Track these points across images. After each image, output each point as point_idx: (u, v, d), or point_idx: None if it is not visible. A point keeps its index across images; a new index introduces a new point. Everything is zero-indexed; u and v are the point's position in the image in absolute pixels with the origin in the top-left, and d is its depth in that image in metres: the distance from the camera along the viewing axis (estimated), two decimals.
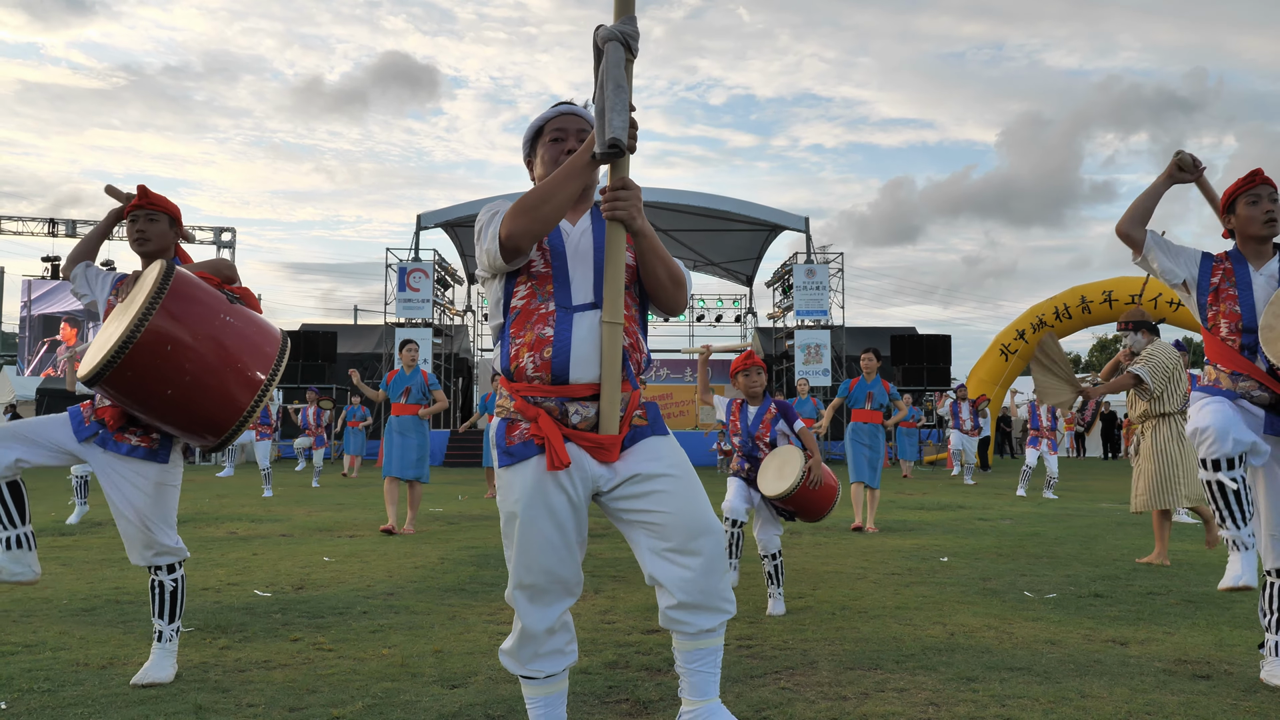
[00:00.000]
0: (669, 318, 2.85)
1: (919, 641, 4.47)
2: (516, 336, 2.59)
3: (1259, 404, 3.73)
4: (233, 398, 3.52)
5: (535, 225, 2.50)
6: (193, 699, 3.48)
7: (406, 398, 9.34)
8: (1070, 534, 8.97)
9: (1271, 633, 3.72)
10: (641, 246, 2.61)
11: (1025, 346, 26.76)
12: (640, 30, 2.52)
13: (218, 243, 32.08)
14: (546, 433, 2.51)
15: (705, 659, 2.58)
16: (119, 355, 3.32)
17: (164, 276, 3.44)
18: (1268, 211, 3.79)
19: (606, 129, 2.42)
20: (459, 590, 5.83)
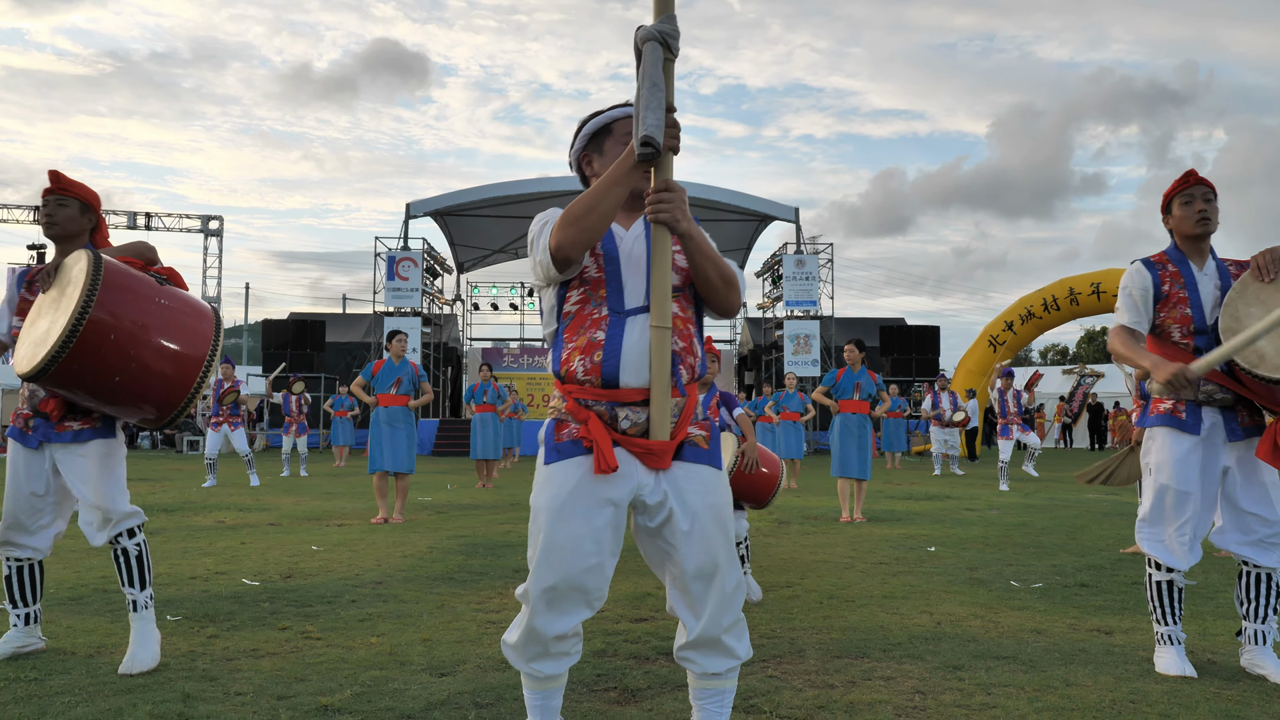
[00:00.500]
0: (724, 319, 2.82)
1: (906, 630, 4.49)
2: (569, 340, 2.58)
3: (1221, 405, 3.73)
4: (179, 376, 3.65)
5: (584, 235, 2.46)
6: (180, 687, 3.48)
7: (397, 388, 9.28)
8: (1056, 524, 9.02)
9: (1250, 621, 3.76)
10: (689, 249, 2.54)
11: (1014, 338, 26.85)
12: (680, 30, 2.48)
13: (205, 230, 31.91)
14: (595, 436, 2.48)
15: (713, 698, 2.60)
16: (63, 350, 3.39)
17: (95, 267, 3.49)
18: (1200, 211, 3.81)
19: (640, 128, 2.39)
20: (447, 579, 5.83)
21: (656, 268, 2.50)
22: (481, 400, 14.27)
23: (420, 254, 26.62)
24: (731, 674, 2.60)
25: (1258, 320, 3.55)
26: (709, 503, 2.53)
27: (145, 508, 9.96)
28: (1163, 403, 3.82)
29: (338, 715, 3.21)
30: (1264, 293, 3.63)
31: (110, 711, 3.20)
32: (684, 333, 2.59)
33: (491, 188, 26.94)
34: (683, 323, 2.60)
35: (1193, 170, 3.90)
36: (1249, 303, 3.64)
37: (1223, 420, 3.73)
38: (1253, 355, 3.55)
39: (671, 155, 2.50)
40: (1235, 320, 3.63)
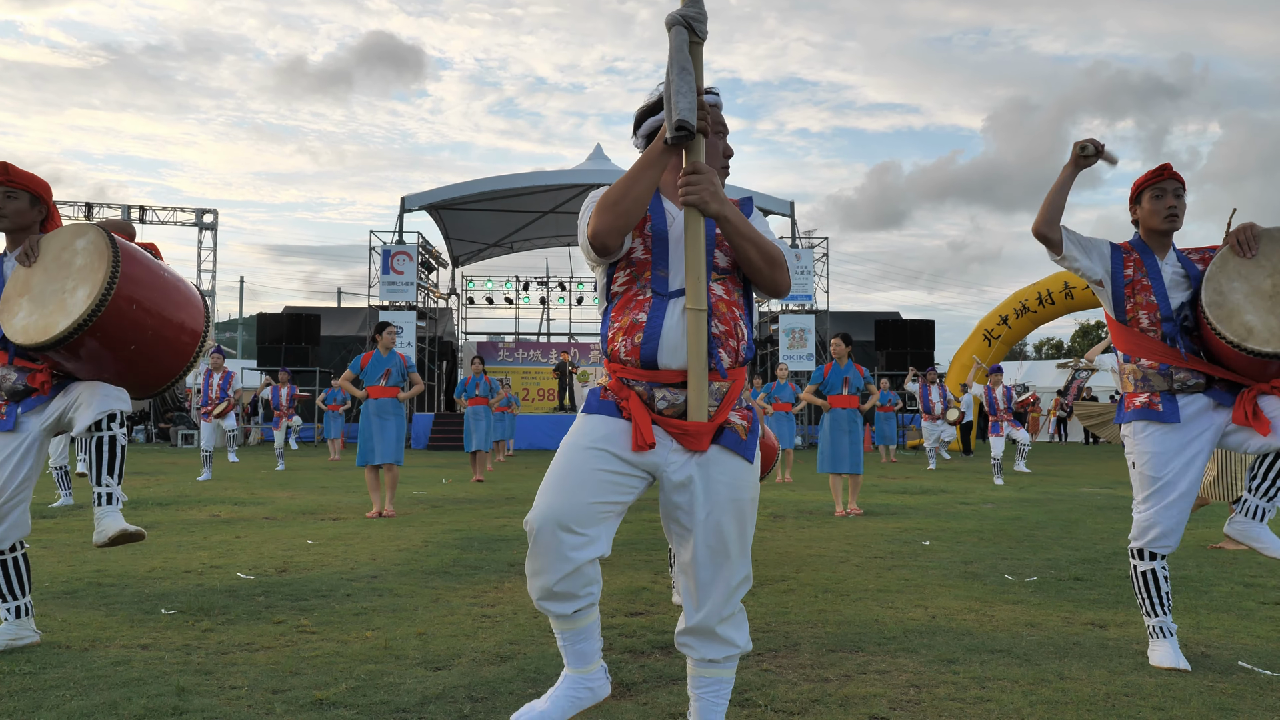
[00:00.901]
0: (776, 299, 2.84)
1: (900, 624, 4.50)
2: (615, 320, 2.61)
3: (1195, 391, 3.76)
4: (183, 344, 3.85)
5: (619, 221, 2.48)
6: (175, 681, 3.48)
7: (386, 380, 9.23)
8: (1051, 518, 9.04)
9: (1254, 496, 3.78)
10: (725, 230, 2.55)
11: (1008, 332, 26.88)
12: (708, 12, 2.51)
13: (199, 224, 31.84)
14: (634, 413, 2.52)
15: (710, 687, 2.62)
16: (92, 317, 3.50)
17: (111, 240, 3.62)
18: (1170, 206, 3.84)
19: (674, 112, 2.41)
20: (443, 573, 5.83)
21: (690, 249, 2.52)
22: (474, 394, 14.34)
23: (415, 248, 26.56)
24: (729, 663, 2.61)
25: (1241, 295, 3.64)
26: (734, 496, 2.54)
27: (140, 502, 9.95)
28: (1137, 396, 3.86)
29: (333, 709, 3.21)
30: (1244, 267, 3.69)
31: (105, 705, 3.20)
32: (726, 316, 2.59)
33: (486, 181, 26.88)
34: (726, 305, 2.60)
35: (1167, 164, 3.92)
36: (1230, 277, 3.69)
37: (1206, 398, 3.77)
38: (1240, 329, 3.58)
39: (703, 138, 2.51)
40: (1219, 295, 3.67)
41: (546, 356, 31.99)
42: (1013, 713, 3.21)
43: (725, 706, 2.64)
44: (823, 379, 9.78)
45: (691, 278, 2.51)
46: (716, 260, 2.62)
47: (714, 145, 2.72)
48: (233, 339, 46.96)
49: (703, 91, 2.50)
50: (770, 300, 2.88)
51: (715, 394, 2.55)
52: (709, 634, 2.56)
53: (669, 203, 2.67)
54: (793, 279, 15.06)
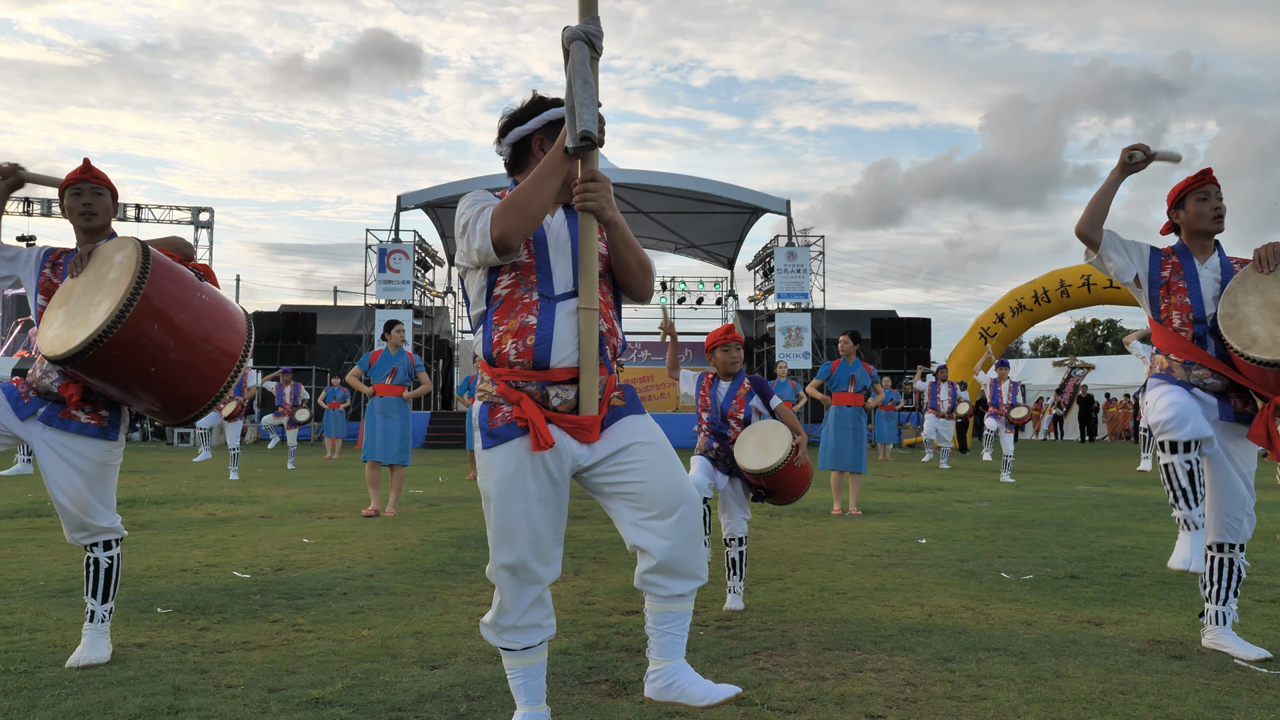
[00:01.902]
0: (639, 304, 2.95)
1: (897, 622, 4.50)
2: (500, 324, 2.68)
3: (1211, 390, 3.89)
4: (212, 373, 3.59)
5: (527, 224, 2.59)
6: (171, 680, 3.47)
7: (392, 378, 9.21)
8: (1047, 516, 9.05)
9: (1211, 603, 3.99)
10: (613, 236, 2.72)
11: (1004, 330, 26.92)
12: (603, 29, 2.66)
13: (195, 222, 31.81)
14: (530, 415, 2.61)
15: (674, 621, 2.70)
16: (107, 334, 3.32)
17: (144, 255, 3.45)
18: (1216, 208, 3.98)
19: (577, 123, 2.53)
20: (439, 572, 5.83)
21: (584, 252, 2.65)
22: (474, 392, 14.30)
23: (411, 246, 26.56)
24: (692, 595, 2.70)
25: (1253, 307, 3.76)
26: (644, 438, 2.69)
27: (136, 500, 9.93)
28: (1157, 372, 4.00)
29: (329, 708, 3.21)
30: (1262, 282, 3.82)
31: (100, 704, 3.19)
32: (607, 315, 2.74)
33: (482, 180, 26.86)
34: (605, 306, 2.74)
35: (1208, 168, 4.03)
36: (1247, 291, 3.83)
37: (1216, 402, 3.89)
38: (1245, 338, 3.71)
39: (598, 148, 2.65)
40: (1233, 307, 3.81)
41: None
42: (1009, 711, 3.21)
43: (685, 637, 2.73)
44: (829, 375, 9.69)
45: (585, 279, 2.64)
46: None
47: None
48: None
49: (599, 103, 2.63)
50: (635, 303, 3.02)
51: (601, 387, 2.70)
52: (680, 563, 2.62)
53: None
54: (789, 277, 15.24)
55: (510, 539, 2.63)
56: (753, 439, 4.95)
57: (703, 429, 5.19)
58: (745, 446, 4.92)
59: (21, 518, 8.08)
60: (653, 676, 2.70)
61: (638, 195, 27.61)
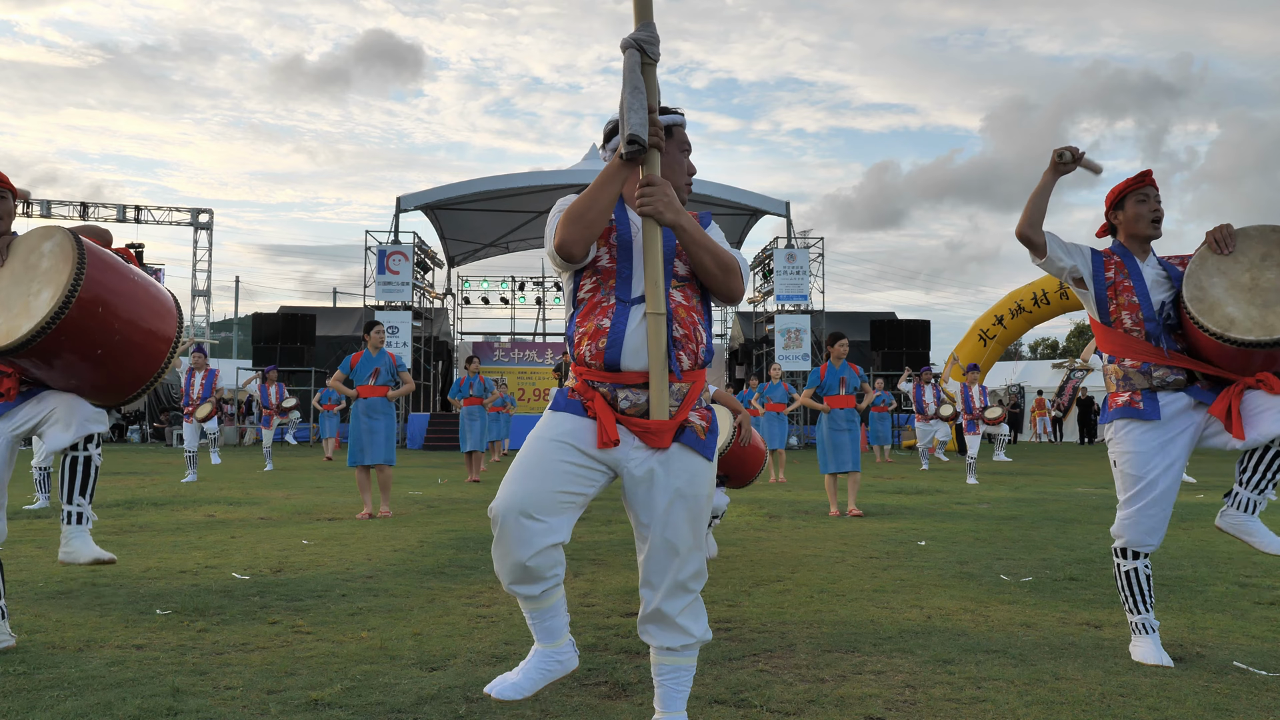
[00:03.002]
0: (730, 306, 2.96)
1: (896, 624, 4.50)
2: (580, 325, 2.74)
3: (1176, 388, 3.83)
4: (151, 354, 3.74)
5: (584, 232, 2.63)
6: (170, 681, 3.47)
7: (375, 379, 9.14)
8: (1046, 518, 9.04)
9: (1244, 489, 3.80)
10: (681, 239, 2.70)
11: (1004, 332, 26.91)
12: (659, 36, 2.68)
13: (195, 224, 31.80)
14: (599, 412, 2.66)
15: (671, 674, 2.75)
16: (54, 321, 3.40)
17: (78, 241, 3.54)
18: (1155, 210, 3.96)
19: (625, 128, 2.58)
20: (438, 573, 5.83)
21: (647, 257, 2.66)
22: (468, 394, 14.37)
23: (411, 248, 26.55)
24: (688, 652, 2.74)
25: (1221, 289, 3.74)
26: (690, 492, 2.68)
27: (135, 501, 9.93)
28: (1119, 396, 3.93)
29: (328, 710, 3.21)
30: (1223, 264, 3.80)
31: (99, 705, 3.19)
32: (686, 320, 2.72)
33: (482, 181, 26.88)
34: (685, 311, 2.73)
35: (1148, 170, 4.03)
36: (1209, 273, 3.80)
37: (1187, 395, 3.83)
38: (1222, 320, 3.68)
39: (656, 152, 2.67)
40: (1200, 290, 3.77)
41: (542, 356, 31.99)
42: (1008, 713, 3.21)
43: (687, 693, 2.77)
44: (820, 381, 9.67)
45: (650, 284, 2.65)
46: (675, 269, 2.75)
47: (679, 162, 2.88)
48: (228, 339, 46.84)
49: (656, 109, 2.66)
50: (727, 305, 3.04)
51: (675, 394, 2.70)
52: (667, 623, 2.69)
53: (634, 214, 2.79)
54: (789, 279, 15.19)
55: (522, 475, 2.61)
56: None
57: None
58: None
59: (20, 520, 8.08)
60: None
61: None
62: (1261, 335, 3.59)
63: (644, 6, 2.69)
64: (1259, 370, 3.70)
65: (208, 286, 31.83)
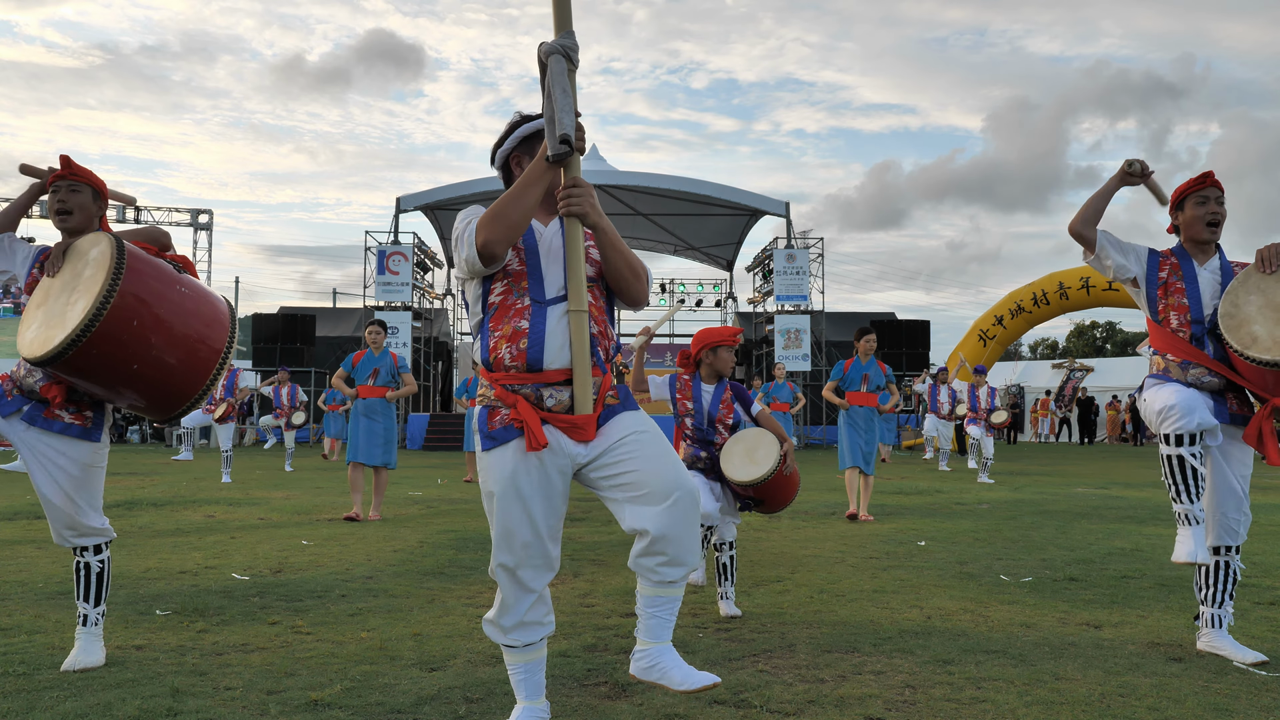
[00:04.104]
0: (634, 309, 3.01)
1: (896, 625, 4.50)
2: (495, 330, 2.79)
3: (1209, 389, 3.88)
4: (196, 367, 3.54)
5: (508, 232, 2.69)
6: (170, 682, 3.47)
7: (375, 379, 9.00)
8: (1046, 519, 9.04)
9: (1207, 605, 3.98)
10: (600, 241, 2.81)
11: (1003, 332, 26.92)
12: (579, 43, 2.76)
13: (194, 224, 31.80)
14: (525, 417, 2.70)
15: (664, 606, 2.78)
16: (85, 333, 3.26)
17: (118, 250, 3.39)
18: (1213, 212, 3.98)
19: (557, 129, 2.64)
20: (438, 574, 5.83)
21: (571, 256, 2.75)
22: (474, 394, 14.31)
23: (411, 248, 26.55)
24: (683, 582, 2.77)
25: (1254, 307, 3.75)
26: (638, 431, 2.77)
27: (135, 502, 9.92)
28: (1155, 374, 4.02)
29: (327, 710, 3.21)
30: (1264, 283, 3.82)
31: (99, 706, 3.19)
32: (599, 318, 2.84)
33: (481, 182, 26.85)
34: (597, 310, 2.84)
35: (1209, 171, 4.04)
36: (1249, 291, 3.83)
37: (1211, 403, 3.87)
38: (1246, 337, 3.71)
39: (579, 155, 2.74)
40: (1234, 306, 3.81)
41: None
42: (1008, 713, 3.21)
43: (673, 622, 2.82)
44: (842, 374, 9.37)
45: (573, 282, 2.74)
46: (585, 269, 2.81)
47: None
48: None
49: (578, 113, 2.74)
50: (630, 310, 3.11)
51: (594, 388, 2.77)
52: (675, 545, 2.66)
53: (535, 220, 2.88)
54: (789, 279, 15.07)
55: (510, 540, 2.73)
56: (739, 449, 4.76)
57: (686, 438, 4.95)
58: (732, 457, 4.74)
59: (20, 519, 8.08)
60: (638, 655, 2.81)
61: (637, 197, 27.60)
62: (1278, 356, 3.60)
63: (564, 15, 2.77)
64: None
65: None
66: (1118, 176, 4.07)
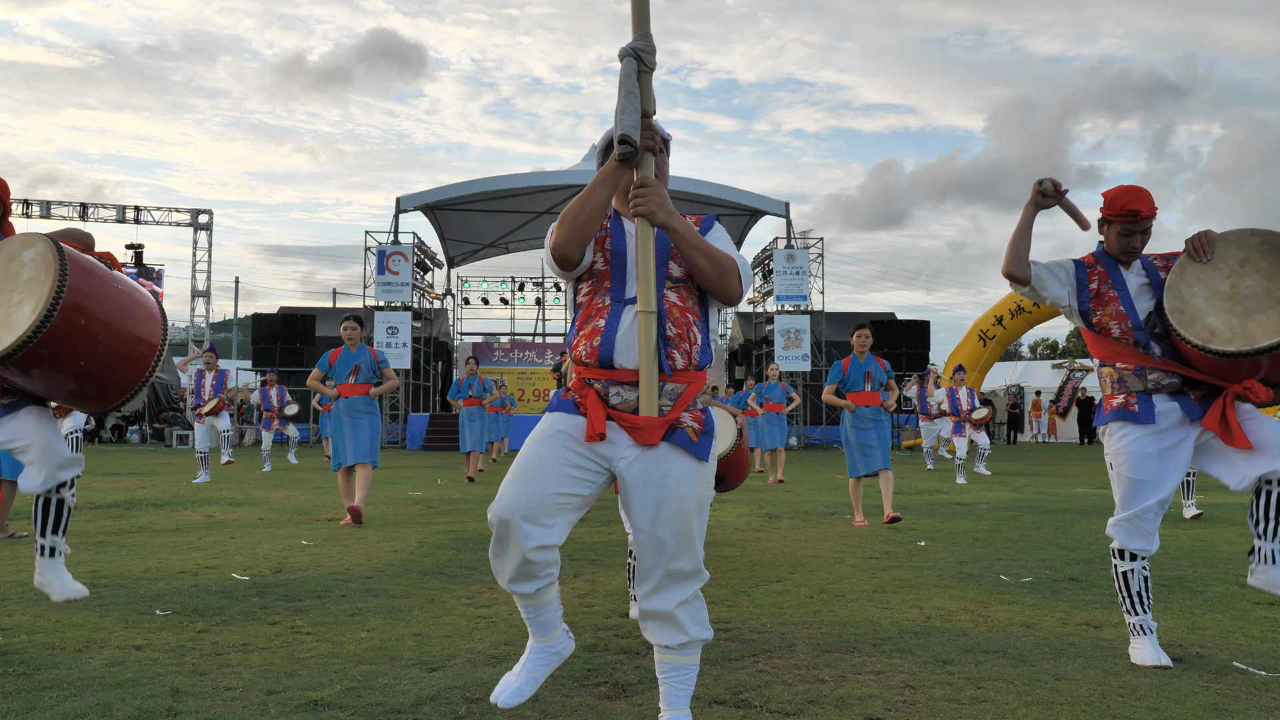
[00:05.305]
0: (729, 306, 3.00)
1: (896, 625, 4.50)
2: (579, 328, 2.84)
3: (1170, 391, 3.82)
4: (135, 362, 3.69)
5: (577, 233, 2.71)
6: (169, 682, 3.47)
7: (355, 377, 8.60)
8: (1046, 518, 9.04)
9: (1263, 540, 3.76)
10: (674, 240, 2.76)
11: (1003, 332, 26.91)
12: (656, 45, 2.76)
13: (194, 224, 31.78)
14: (591, 408, 2.73)
15: (672, 672, 2.78)
16: (37, 333, 3.35)
17: (59, 252, 3.46)
18: (1135, 247, 3.90)
19: (618, 129, 2.66)
20: (438, 574, 5.83)
21: (640, 256, 2.72)
22: (467, 394, 14.34)
23: (410, 248, 26.55)
24: (688, 651, 2.77)
25: (1201, 299, 3.72)
26: (681, 492, 2.71)
27: (135, 502, 9.93)
28: (1114, 399, 3.92)
29: (327, 710, 3.21)
30: (1202, 272, 3.76)
31: (99, 706, 3.19)
32: (680, 320, 2.78)
33: (481, 182, 26.86)
34: (680, 311, 2.79)
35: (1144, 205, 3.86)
36: (1189, 283, 3.77)
37: (1179, 405, 3.81)
38: (1203, 331, 3.66)
39: (650, 155, 2.74)
40: (1181, 301, 3.75)
41: (542, 357, 31.98)
42: (1008, 713, 3.21)
43: (690, 691, 2.80)
44: (842, 375, 8.86)
45: (641, 282, 2.71)
46: (671, 270, 2.81)
47: (665, 166, 2.94)
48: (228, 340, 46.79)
49: (651, 115, 2.74)
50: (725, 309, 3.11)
51: (669, 394, 2.75)
52: (664, 618, 2.72)
53: (628, 223, 2.88)
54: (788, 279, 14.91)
55: (521, 479, 2.66)
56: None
57: None
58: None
59: (20, 520, 8.07)
60: None
61: None
62: (1243, 345, 3.56)
63: (642, 17, 2.77)
64: (1245, 377, 3.68)
65: (207, 287, 31.80)
66: (1031, 203, 3.95)
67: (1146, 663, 3.77)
